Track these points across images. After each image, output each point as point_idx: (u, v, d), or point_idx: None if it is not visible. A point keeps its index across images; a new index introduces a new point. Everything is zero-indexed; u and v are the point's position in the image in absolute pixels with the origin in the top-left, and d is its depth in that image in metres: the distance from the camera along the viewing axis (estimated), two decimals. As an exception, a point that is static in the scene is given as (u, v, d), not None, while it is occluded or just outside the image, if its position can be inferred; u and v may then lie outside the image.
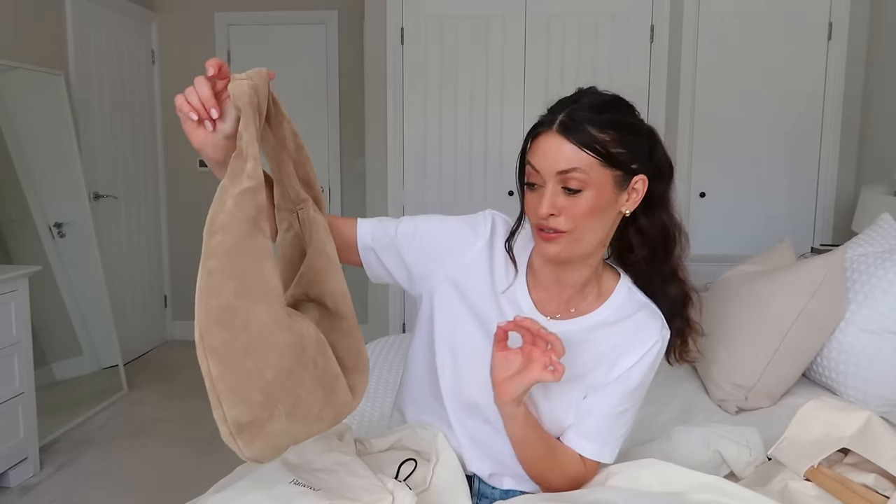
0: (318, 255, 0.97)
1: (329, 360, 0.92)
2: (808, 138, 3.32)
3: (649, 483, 1.03)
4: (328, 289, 0.97)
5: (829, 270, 1.69)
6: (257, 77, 0.90)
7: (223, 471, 1.16)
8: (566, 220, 0.97)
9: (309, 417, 0.87)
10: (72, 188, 3.23)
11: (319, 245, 0.97)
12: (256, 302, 0.80)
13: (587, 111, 0.97)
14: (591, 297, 1.09)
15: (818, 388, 1.79)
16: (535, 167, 0.99)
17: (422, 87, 3.43)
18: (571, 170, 0.96)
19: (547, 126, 0.98)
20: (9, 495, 2.43)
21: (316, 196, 1.01)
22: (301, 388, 0.85)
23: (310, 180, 1.00)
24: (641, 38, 3.33)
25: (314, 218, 0.98)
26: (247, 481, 0.98)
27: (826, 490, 1.10)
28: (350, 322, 0.98)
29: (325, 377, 0.90)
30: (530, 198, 1.02)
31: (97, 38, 3.65)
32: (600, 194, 0.98)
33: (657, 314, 1.08)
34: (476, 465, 1.13)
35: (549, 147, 0.97)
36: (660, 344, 1.06)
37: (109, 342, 3.42)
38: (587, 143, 0.96)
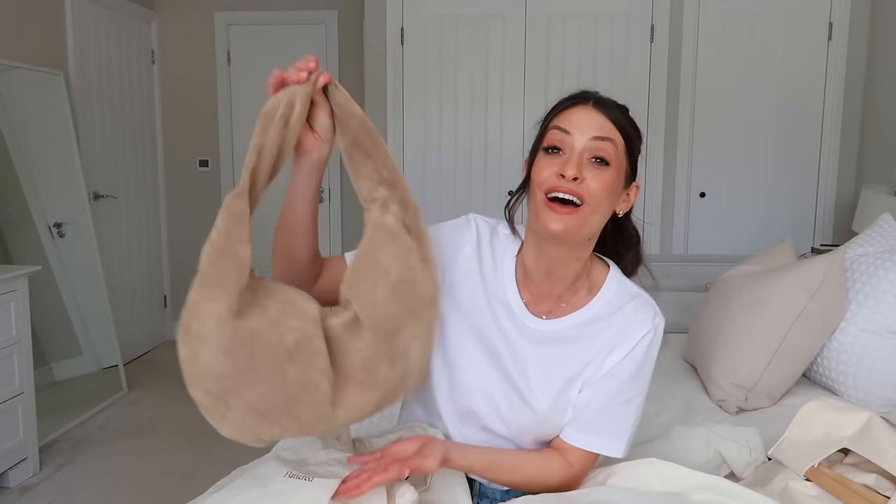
0: (362, 257, 0.93)
1: (309, 370, 0.86)
2: (809, 138, 3.32)
3: (649, 483, 1.03)
4: (358, 295, 0.91)
5: (829, 270, 1.69)
6: (289, 92, 0.93)
7: (223, 471, 1.15)
8: (587, 189, 0.95)
9: (265, 419, 0.88)
10: (72, 188, 3.23)
11: (367, 247, 0.93)
12: (210, 300, 0.85)
13: (616, 105, 1.02)
14: (583, 292, 1.07)
15: (818, 388, 1.79)
16: (568, 129, 0.98)
17: (422, 87, 3.43)
18: (606, 138, 0.97)
19: (582, 100, 1.00)
20: (8, 495, 2.43)
21: (401, 196, 0.95)
22: (250, 390, 0.86)
23: (393, 180, 0.95)
24: (641, 38, 3.33)
25: (376, 220, 0.93)
26: (243, 480, 0.98)
27: (826, 490, 1.10)
28: (376, 335, 0.90)
29: (292, 386, 0.86)
30: (548, 162, 0.98)
31: (97, 38, 3.65)
32: (618, 177, 0.99)
33: (649, 303, 1.07)
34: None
35: (586, 116, 0.99)
36: (652, 333, 1.04)
37: (109, 342, 3.42)
38: (621, 124, 0.99)
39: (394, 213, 0.93)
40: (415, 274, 0.92)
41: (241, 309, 0.85)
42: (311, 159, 0.96)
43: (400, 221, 0.93)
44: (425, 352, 0.95)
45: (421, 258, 0.93)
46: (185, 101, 4.25)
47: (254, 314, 0.86)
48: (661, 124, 3.36)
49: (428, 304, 0.94)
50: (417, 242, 0.94)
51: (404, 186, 0.95)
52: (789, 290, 1.71)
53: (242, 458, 1.24)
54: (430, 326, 0.95)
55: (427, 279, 0.94)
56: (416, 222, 0.95)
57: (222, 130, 4.25)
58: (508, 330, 1.06)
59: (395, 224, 0.92)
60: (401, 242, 0.92)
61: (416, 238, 0.94)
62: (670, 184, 3.41)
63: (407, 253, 0.92)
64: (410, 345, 0.92)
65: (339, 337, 0.89)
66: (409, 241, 0.93)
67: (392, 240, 0.92)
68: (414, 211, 0.95)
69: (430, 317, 0.94)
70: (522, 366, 1.05)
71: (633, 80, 3.35)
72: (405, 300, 0.91)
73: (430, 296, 0.94)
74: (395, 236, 0.92)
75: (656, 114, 3.35)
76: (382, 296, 0.90)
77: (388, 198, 0.94)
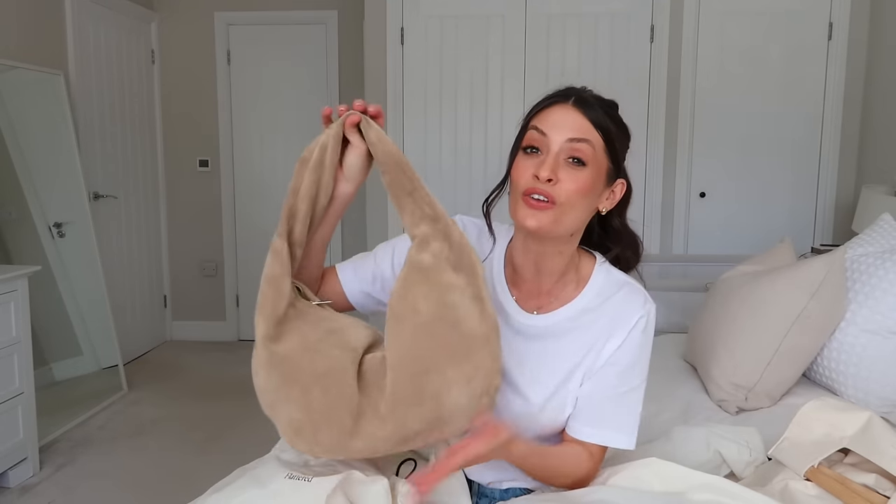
0: (395, 295, 0.92)
1: (333, 398, 0.89)
2: (809, 138, 3.32)
3: (650, 483, 1.03)
4: (388, 333, 0.92)
5: (829, 270, 1.69)
6: (326, 133, 0.97)
7: (223, 471, 1.15)
8: (561, 190, 0.96)
9: (299, 437, 0.93)
10: (72, 188, 3.23)
11: (400, 285, 0.92)
12: (257, 325, 0.94)
13: (597, 101, 1.01)
14: (571, 286, 1.07)
15: (818, 388, 1.79)
16: (544, 131, 0.98)
17: (422, 86, 3.43)
18: (583, 140, 0.97)
19: (562, 98, 1.00)
20: (8, 495, 2.43)
21: (444, 231, 0.93)
22: (284, 408, 0.93)
23: (435, 216, 0.94)
24: (641, 38, 3.33)
25: (412, 258, 0.93)
26: (244, 480, 0.98)
27: (826, 490, 1.10)
28: (398, 375, 0.90)
29: (315, 411, 0.90)
30: (526, 162, 0.99)
31: (97, 38, 3.65)
32: (597, 177, 0.99)
33: (638, 290, 1.07)
34: (476, 475, 1.14)
35: (563, 116, 0.99)
36: (644, 319, 1.04)
37: (109, 342, 3.42)
38: (600, 123, 0.99)
39: (433, 251, 0.92)
40: (457, 313, 0.90)
41: (280, 333, 0.92)
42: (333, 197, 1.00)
43: (441, 258, 0.91)
44: (472, 395, 0.89)
45: (472, 296, 0.91)
46: (185, 102, 4.25)
47: (290, 339, 0.92)
48: (661, 124, 3.36)
49: (476, 346, 0.90)
50: (466, 278, 0.91)
51: (447, 222, 0.93)
52: (789, 290, 1.71)
53: (243, 458, 1.24)
54: (480, 370, 0.90)
55: (476, 318, 0.90)
56: (463, 258, 0.92)
57: (222, 130, 4.25)
58: (501, 328, 1.05)
59: (433, 262, 0.91)
60: (438, 280, 0.91)
61: (464, 274, 0.91)
62: (670, 184, 3.41)
63: (446, 291, 0.90)
64: (445, 388, 0.89)
65: (374, 370, 0.91)
66: (453, 278, 0.91)
67: (427, 278, 0.91)
68: (459, 246, 0.92)
69: (478, 359, 0.90)
70: (518, 361, 1.05)
71: (633, 80, 3.35)
72: (440, 341, 0.89)
73: (478, 336, 0.90)
74: (430, 274, 0.91)
75: (656, 114, 3.35)
76: (408, 336, 0.90)
77: (428, 234, 0.93)
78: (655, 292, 1.08)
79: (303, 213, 0.95)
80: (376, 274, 1.11)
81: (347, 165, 0.98)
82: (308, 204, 0.95)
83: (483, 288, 0.92)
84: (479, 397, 0.90)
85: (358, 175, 0.99)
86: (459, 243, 0.93)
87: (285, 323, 0.93)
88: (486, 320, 0.91)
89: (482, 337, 0.90)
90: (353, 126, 0.94)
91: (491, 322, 0.91)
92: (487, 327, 0.91)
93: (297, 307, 0.95)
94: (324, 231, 1.03)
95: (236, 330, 4.43)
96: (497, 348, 0.91)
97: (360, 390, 0.91)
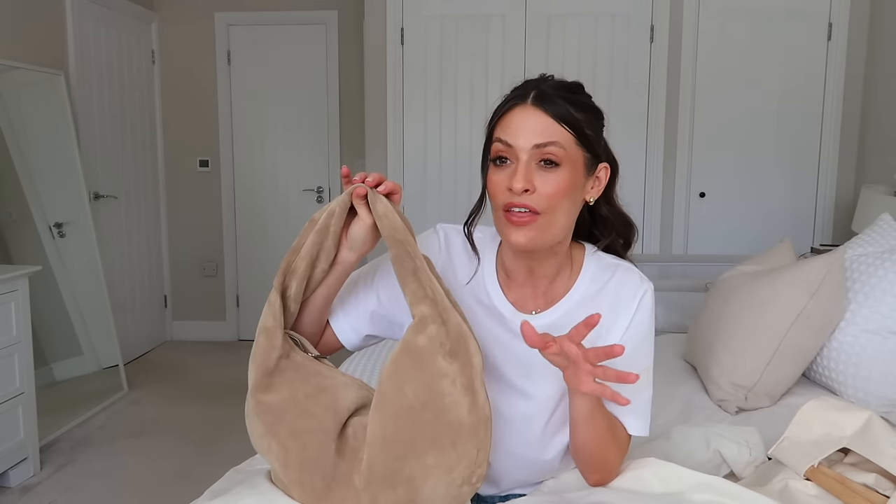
0: (384, 374, 0.90)
1: (307, 460, 0.91)
2: (808, 138, 3.32)
3: (650, 483, 1.03)
4: (372, 410, 0.91)
5: (829, 270, 1.69)
6: (336, 200, 0.98)
7: (222, 471, 1.16)
8: (539, 198, 0.92)
9: (282, 484, 0.96)
10: (72, 188, 3.23)
11: (389, 364, 0.90)
12: (250, 371, 0.96)
13: (559, 90, 0.95)
14: (566, 280, 1.05)
15: (818, 388, 1.79)
16: (509, 142, 0.94)
17: (422, 87, 3.43)
18: (549, 143, 0.92)
19: (520, 99, 0.95)
20: (9, 495, 2.43)
21: (442, 316, 0.89)
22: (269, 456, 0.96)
23: (436, 298, 0.90)
24: (641, 38, 3.33)
25: (406, 339, 0.90)
26: (242, 487, 0.99)
27: (826, 490, 1.10)
28: (374, 453, 0.89)
29: (292, 465, 0.93)
30: (498, 176, 0.95)
31: (97, 38, 3.65)
32: (574, 172, 0.95)
33: (632, 270, 1.05)
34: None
35: (524, 120, 0.93)
36: (645, 294, 1.02)
37: (109, 342, 3.42)
38: (565, 118, 0.93)
39: (429, 334, 0.89)
40: (444, 401, 0.87)
41: (270, 384, 0.94)
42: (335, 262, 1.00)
43: (436, 343, 0.88)
44: (451, 485, 0.87)
45: (463, 385, 0.88)
46: (185, 102, 4.25)
47: (281, 391, 0.93)
48: (661, 124, 3.36)
49: (461, 436, 0.87)
50: (459, 367, 0.88)
51: (446, 304, 0.90)
52: (789, 289, 1.71)
53: (242, 458, 1.25)
54: (464, 460, 0.87)
55: (465, 409, 0.87)
56: (459, 345, 0.89)
57: (222, 130, 4.25)
58: (499, 334, 1.03)
59: (428, 345, 0.89)
60: (429, 365, 0.88)
61: (458, 362, 0.88)
62: (670, 184, 3.41)
63: (437, 378, 0.88)
64: (422, 474, 0.87)
65: (357, 435, 0.91)
66: (444, 366, 0.88)
67: (418, 362, 0.89)
68: (457, 333, 0.89)
69: (462, 450, 0.87)
70: (522, 365, 1.03)
71: (633, 80, 3.35)
72: (423, 427, 0.87)
73: (465, 427, 0.87)
74: (422, 358, 0.88)
75: (656, 114, 3.35)
76: (390, 417, 0.88)
77: (427, 316, 0.90)
78: (655, 292, 1.08)
79: (300, 272, 0.96)
80: (366, 310, 1.08)
81: (351, 235, 0.96)
82: (307, 263, 0.96)
83: (477, 378, 0.89)
84: (459, 486, 0.88)
85: (362, 246, 0.97)
86: (457, 330, 0.89)
87: (276, 374, 0.93)
88: (476, 412, 0.88)
89: (469, 428, 0.87)
90: (361, 198, 0.93)
91: (482, 414, 0.88)
92: (476, 419, 0.88)
93: (293, 359, 0.95)
94: (326, 292, 1.01)
95: (236, 330, 4.43)
96: (486, 441, 0.89)
97: (339, 454, 0.90)
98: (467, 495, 0.90)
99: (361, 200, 0.93)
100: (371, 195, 0.93)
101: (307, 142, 4.20)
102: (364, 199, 0.93)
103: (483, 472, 0.89)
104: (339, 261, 0.98)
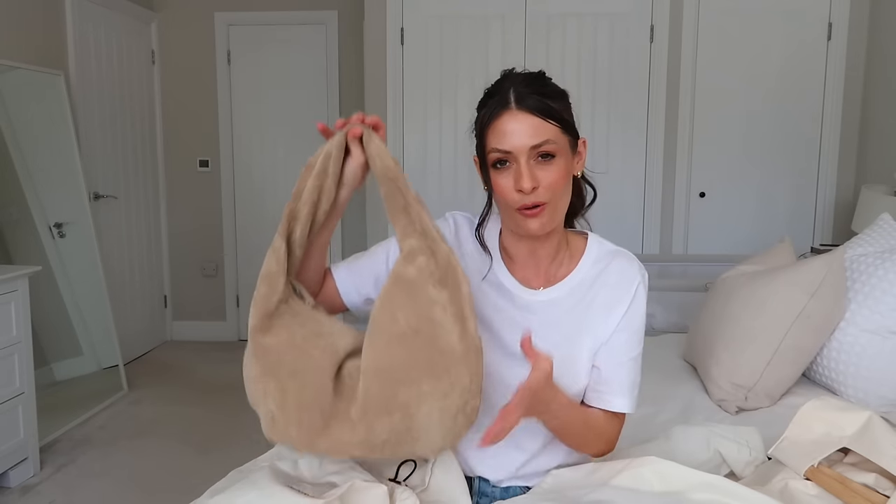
0: (377, 304, 0.94)
1: (306, 397, 0.93)
2: (808, 138, 3.32)
3: (650, 482, 1.03)
4: (366, 340, 0.94)
5: (829, 270, 1.69)
6: (331, 142, 1.00)
7: (223, 471, 1.16)
8: (544, 190, 1.01)
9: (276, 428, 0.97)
10: (72, 188, 3.23)
11: (382, 295, 0.94)
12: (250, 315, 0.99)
13: (531, 86, 1.02)
14: (566, 262, 1.12)
15: (818, 387, 1.79)
16: (507, 149, 1.01)
17: (422, 87, 3.43)
18: (544, 142, 1.00)
19: (503, 106, 1.02)
20: (9, 495, 2.43)
21: (431, 248, 0.94)
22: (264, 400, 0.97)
23: (424, 231, 0.95)
24: (641, 38, 3.33)
25: (397, 270, 0.94)
26: (243, 484, 0.99)
27: (826, 489, 1.10)
28: (371, 381, 0.91)
29: (290, 405, 0.95)
30: (504, 179, 1.03)
31: (97, 38, 3.65)
32: (566, 158, 1.03)
33: (630, 257, 1.12)
34: (480, 470, 1.14)
35: (514, 124, 1.00)
36: (642, 283, 1.09)
37: (109, 342, 3.42)
38: (548, 113, 1.01)
39: (419, 265, 0.93)
40: (436, 328, 0.90)
41: (269, 326, 0.96)
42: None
43: (426, 273, 0.92)
44: (445, 412, 0.90)
45: (453, 313, 0.91)
46: (185, 101, 4.25)
47: (279, 334, 0.95)
48: (661, 124, 3.36)
49: (454, 362, 0.90)
50: (449, 295, 0.91)
51: (435, 237, 0.94)
52: (789, 289, 1.71)
53: (242, 458, 1.25)
54: (457, 387, 0.90)
55: (456, 335, 0.90)
56: (448, 274, 0.92)
57: (222, 130, 4.25)
58: (507, 309, 1.09)
59: (418, 275, 0.92)
60: (420, 294, 0.91)
61: (447, 290, 0.91)
62: (670, 184, 3.41)
63: (428, 306, 0.91)
64: (416, 400, 0.90)
65: (352, 375, 0.94)
66: (435, 293, 0.91)
67: (409, 291, 0.92)
68: (445, 263, 0.93)
69: (455, 376, 0.90)
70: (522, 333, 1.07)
71: (633, 80, 3.35)
72: (416, 353, 0.90)
73: (457, 353, 0.90)
74: (413, 288, 0.92)
75: (656, 114, 3.35)
76: (383, 345, 0.91)
77: (416, 248, 0.94)
78: (655, 292, 1.10)
79: (304, 216, 0.98)
80: (372, 272, 1.12)
81: (345, 173, 1.01)
82: (309, 208, 0.98)
83: (466, 307, 0.92)
84: (453, 415, 0.90)
85: (353, 183, 1.02)
86: (446, 259, 0.93)
87: (276, 318, 0.96)
88: (466, 339, 0.91)
89: (461, 355, 0.90)
90: (356, 138, 0.98)
91: (471, 342, 0.91)
92: (466, 346, 0.90)
93: (291, 305, 0.98)
94: (322, 235, 1.05)
95: (236, 330, 4.43)
96: (477, 369, 0.91)
97: (335, 393, 0.93)
98: (463, 427, 0.92)
99: (356, 140, 0.98)
100: (366, 135, 0.97)
101: (307, 142, 4.19)
102: (358, 139, 0.98)
103: (476, 404, 0.92)
104: (337, 202, 1.03)
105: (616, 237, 1.19)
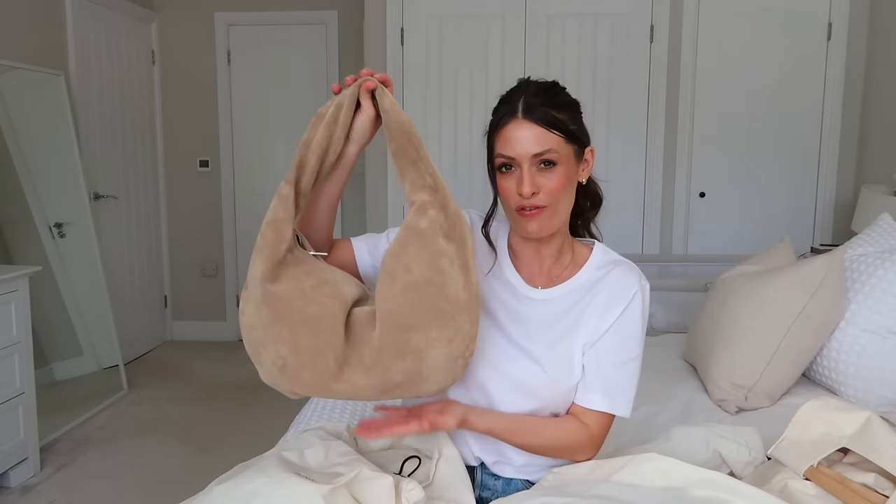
0: (390, 254, 0.97)
1: (320, 342, 0.95)
2: (808, 138, 3.32)
3: (651, 478, 1.04)
4: (378, 288, 0.97)
5: (829, 270, 1.69)
6: (342, 94, 1.02)
7: (222, 471, 1.16)
8: (544, 195, 1.06)
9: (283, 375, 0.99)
10: (72, 188, 3.23)
11: (395, 245, 0.97)
12: (254, 264, 0.99)
13: (540, 96, 1.06)
14: (570, 265, 1.16)
15: (818, 387, 1.79)
16: (510, 155, 1.06)
17: (422, 87, 3.43)
18: (545, 151, 1.05)
19: (511, 115, 1.06)
20: (9, 495, 2.43)
21: (442, 202, 0.98)
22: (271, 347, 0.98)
23: (435, 185, 0.99)
24: (641, 38, 3.33)
25: (409, 222, 0.97)
26: (250, 471, 1.00)
27: (826, 489, 1.10)
28: (385, 328, 0.96)
29: (302, 352, 0.96)
30: (507, 182, 1.08)
31: (97, 38, 3.65)
32: (568, 167, 1.08)
33: (633, 267, 1.15)
34: (479, 453, 1.16)
35: (519, 133, 1.05)
36: (641, 293, 1.12)
37: (109, 342, 3.42)
38: (553, 124, 1.05)
39: (430, 217, 0.97)
40: (444, 278, 0.95)
41: (277, 275, 0.97)
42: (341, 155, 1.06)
43: (437, 225, 0.97)
44: (449, 356, 0.96)
45: (459, 265, 0.96)
46: (185, 101, 4.25)
47: (287, 283, 0.96)
48: (660, 124, 3.36)
49: (458, 310, 0.95)
50: (456, 248, 0.96)
51: (445, 193, 0.99)
52: (789, 289, 1.71)
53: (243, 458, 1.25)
54: (460, 333, 0.96)
55: (460, 285, 0.96)
56: (455, 228, 0.97)
57: (222, 130, 4.25)
58: (509, 302, 1.14)
59: (429, 227, 0.97)
60: (431, 245, 0.96)
61: (454, 243, 0.97)
62: (670, 184, 3.41)
63: (437, 256, 0.96)
64: (426, 345, 0.95)
65: (360, 322, 0.96)
66: (444, 246, 0.96)
67: (421, 242, 0.96)
68: (454, 217, 0.98)
69: (459, 323, 0.95)
70: (527, 327, 1.12)
71: (633, 80, 3.35)
72: (427, 301, 0.95)
73: (461, 301, 0.95)
74: (425, 239, 0.96)
75: (656, 114, 3.36)
76: (398, 292, 0.95)
77: (427, 202, 0.98)
78: (655, 292, 1.10)
79: (311, 165, 1.00)
80: (387, 245, 1.15)
81: (355, 127, 1.04)
82: (318, 157, 1.00)
83: (470, 258, 0.97)
84: (455, 359, 0.97)
85: (362, 138, 1.06)
86: (455, 214, 0.98)
87: (283, 266, 0.97)
88: (469, 289, 0.96)
89: (465, 303, 0.96)
90: (368, 91, 1.01)
91: (473, 291, 0.97)
92: (469, 295, 0.96)
93: (296, 254, 1.00)
94: (331, 190, 1.08)
95: (236, 330, 4.42)
96: (476, 315, 0.97)
97: (346, 340, 0.96)
98: (461, 369, 0.99)
99: (368, 94, 1.01)
100: (379, 89, 1.00)
101: (307, 142, 4.19)
102: (370, 93, 1.01)
103: (474, 348, 0.99)
104: (343, 155, 1.06)
105: (616, 237, 1.19)
